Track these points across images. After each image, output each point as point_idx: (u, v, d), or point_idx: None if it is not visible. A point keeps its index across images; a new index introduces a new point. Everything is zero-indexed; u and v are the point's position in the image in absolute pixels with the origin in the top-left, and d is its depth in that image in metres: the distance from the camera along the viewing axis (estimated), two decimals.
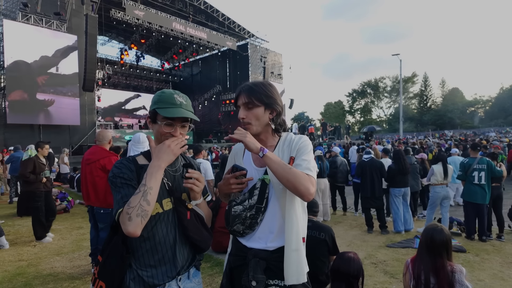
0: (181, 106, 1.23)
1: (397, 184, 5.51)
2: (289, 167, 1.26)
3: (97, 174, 3.62)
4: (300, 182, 1.22)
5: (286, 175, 1.23)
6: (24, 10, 13.05)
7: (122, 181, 1.19)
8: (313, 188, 1.26)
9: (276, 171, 1.24)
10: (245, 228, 1.34)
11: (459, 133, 34.16)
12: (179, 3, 19.98)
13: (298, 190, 1.23)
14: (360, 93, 62.47)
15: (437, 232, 2.04)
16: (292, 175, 1.23)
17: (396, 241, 5.00)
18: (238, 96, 1.41)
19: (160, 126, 1.24)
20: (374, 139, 20.43)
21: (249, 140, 1.26)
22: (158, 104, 1.23)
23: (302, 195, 1.25)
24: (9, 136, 12.33)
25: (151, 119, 1.27)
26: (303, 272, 1.31)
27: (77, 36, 14.56)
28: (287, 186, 1.25)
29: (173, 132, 1.24)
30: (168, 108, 1.21)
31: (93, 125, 16.30)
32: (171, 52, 26.61)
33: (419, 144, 12.55)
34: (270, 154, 1.26)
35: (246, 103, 1.37)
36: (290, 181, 1.23)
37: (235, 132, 1.29)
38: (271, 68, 25.86)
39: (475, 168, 5.04)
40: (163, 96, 1.25)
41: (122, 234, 1.15)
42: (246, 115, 1.37)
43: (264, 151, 1.25)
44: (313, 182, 1.27)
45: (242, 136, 1.27)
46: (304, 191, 1.23)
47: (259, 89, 1.38)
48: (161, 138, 1.25)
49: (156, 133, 1.28)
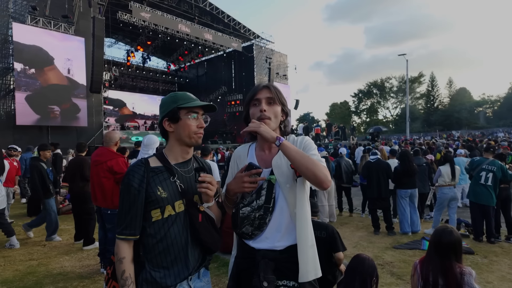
0: (198, 99, 1.34)
1: (404, 185, 5.48)
2: (307, 155, 1.27)
3: (104, 175, 3.67)
4: (319, 169, 1.23)
5: (305, 162, 1.23)
6: (33, 13, 13.25)
7: (132, 197, 1.24)
8: (330, 175, 1.28)
9: (294, 158, 1.25)
10: (254, 229, 1.35)
11: (466, 133, 33.76)
12: (185, 5, 20.08)
13: (317, 177, 1.23)
14: (366, 93, 62.07)
15: (447, 233, 2.03)
16: (311, 162, 1.24)
17: (403, 242, 4.97)
18: (261, 90, 1.42)
19: (185, 121, 1.30)
20: (381, 139, 20.30)
21: (263, 130, 1.27)
22: (178, 102, 1.30)
23: (321, 181, 1.24)
24: (18, 137, 12.52)
25: (172, 119, 1.32)
26: (319, 267, 1.33)
27: (85, 38, 14.74)
28: (306, 174, 1.25)
29: (198, 123, 1.32)
30: (190, 102, 1.30)
31: (100, 126, 16.46)
32: (177, 53, 26.74)
33: (426, 145, 12.43)
34: (286, 142, 1.27)
35: (270, 98, 1.40)
36: (310, 168, 1.23)
37: (250, 124, 1.31)
38: (276, 69, 25.84)
39: (483, 168, 4.99)
40: (179, 95, 1.33)
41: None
42: (267, 108, 1.39)
43: (280, 139, 1.26)
44: (328, 171, 1.29)
45: (256, 127, 1.28)
46: (323, 178, 1.24)
47: (278, 89, 1.45)
48: (186, 132, 1.31)
49: (179, 131, 1.33)
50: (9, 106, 13.74)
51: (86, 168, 4.73)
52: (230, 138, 24.37)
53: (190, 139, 1.33)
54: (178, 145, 1.36)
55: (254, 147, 1.51)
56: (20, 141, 10.42)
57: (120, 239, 1.23)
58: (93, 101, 15.69)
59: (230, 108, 25.65)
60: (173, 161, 1.35)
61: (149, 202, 1.25)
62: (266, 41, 25.20)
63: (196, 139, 1.34)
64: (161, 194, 1.25)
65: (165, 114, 1.32)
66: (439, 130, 38.42)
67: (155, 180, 1.26)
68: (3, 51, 13.73)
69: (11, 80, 13.62)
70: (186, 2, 20.04)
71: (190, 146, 1.38)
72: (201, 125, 1.34)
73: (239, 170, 1.37)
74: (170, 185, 1.29)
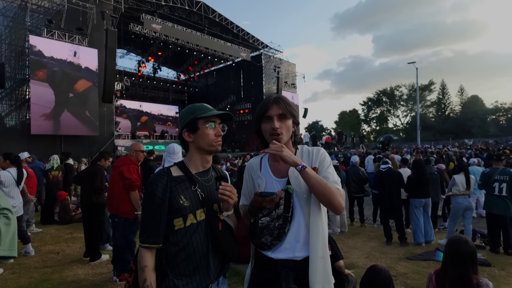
0: (214, 109, 1.40)
1: (418, 195, 5.38)
2: (325, 182, 1.30)
3: (115, 180, 3.77)
4: (334, 197, 1.29)
5: (323, 190, 1.28)
6: (49, 26, 13.69)
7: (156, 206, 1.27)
8: (344, 202, 1.32)
9: (313, 185, 1.29)
10: (273, 239, 1.35)
11: (480, 142, 33.10)
12: (195, 16, 20.49)
13: (332, 205, 1.29)
14: (375, 101, 61.70)
15: (462, 243, 2.00)
16: (328, 190, 1.28)
17: (416, 253, 4.88)
18: (270, 106, 1.43)
19: (203, 130, 1.35)
20: (391, 148, 20.06)
21: (286, 155, 1.30)
22: (196, 113, 1.35)
23: (335, 209, 1.30)
24: (33, 146, 12.79)
25: (191, 130, 1.37)
26: (329, 280, 1.32)
27: (98, 49, 15.12)
28: (322, 200, 1.30)
29: (216, 132, 1.36)
30: (208, 111, 1.36)
31: (112, 135, 16.73)
32: (186, 63, 27.21)
33: (437, 154, 12.23)
34: (308, 169, 1.30)
35: (281, 114, 1.41)
36: (326, 195, 1.28)
37: (271, 146, 1.33)
38: (285, 78, 25.99)
39: (496, 179, 4.91)
40: (197, 106, 1.38)
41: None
42: (280, 125, 1.41)
43: (302, 165, 1.29)
44: (343, 196, 1.33)
45: (278, 151, 1.30)
46: (338, 206, 1.29)
47: (289, 102, 1.46)
48: (205, 141, 1.36)
49: (199, 140, 1.37)
50: (24, 116, 14.11)
51: (99, 178, 4.60)
52: (238, 146, 24.47)
53: (210, 147, 1.37)
54: (198, 154, 1.40)
55: (266, 158, 1.53)
56: (35, 150, 10.63)
57: (144, 247, 1.25)
58: (105, 110, 16.00)
59: (239, 117, 25.82)
60: (194, 170, 1.39)
61: (172, 211, 1.28)
62: (274, 51, 25.45)
63: (216, 146, 1.38)
64: (183, 203, 1.28)
65: (184, 125, 1.37)
66: (452, 139, 37.77)
67: (178, 189, 1.30)
68: (20, 63, 14.17)
69: (26, 91, 14.02)
70: (196, 14, 20.45)
71: (210, 154, 1.42)
72: (218, 133, 1.38)
73: (255, 192, 1.38)
74: (191, 194, 1.32)
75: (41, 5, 14.02)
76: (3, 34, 14.13)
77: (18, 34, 14.10)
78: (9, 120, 14.27)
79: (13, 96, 14.16)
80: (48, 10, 14.15)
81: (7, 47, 14.18)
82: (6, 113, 14.24)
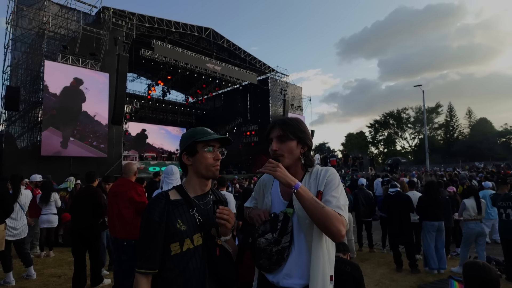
0: (214, 133, 1.40)
1: (430, 217, 5.18)
2: (322, 206, 1.23)
3: (124, 205, 3.72)
4: (331, 223, 1.20)
5: (318, 214, 1.21)
6: (64, 52, 14.28)
7: (153, 230, 1.26)
8: (344, 229, 1.23)
9: (307, 208, 1.23)
10: (272, 264, 1.32)
11: (490, 164, 32.42)
12: (204, 42, 21.18)
13: (329, 231, 1.21)
14: (382, 124, 61.61)
15: (486, 269, 1.84)
16: (324, 214, 1.21)
17: (428, 281, 4.67)
18: (272, 129, 1.45)
19: (202, 154, 1.34)
20: (400, 171, 19.77)
21: (279, 175, 1.27)
22: (196, 136, 1.35)
23: (332, 236, 1.23)
24: (43, 167, 12.97)
25: (190, 153, 1.37)
26: None
27: (109, 73, 15.65)
28: (318, 225, 1.24)
29: (214, 156, 1.36)
30: (207, 135, 1.36)
31: (119, 156, 16.91)
32: (195, 87, 27.81)
33: (448, 177, 11.98)
34: (302, 190, 1.25)
35: (280, 136, 1.41)
36: (321, 220, 1.21)
37: (266, 165, 1.31)
38: (291, 101, 26.30)
39: (499, 206, 4.77)
40: (197, 130, 1.39)
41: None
42: (279, 147, 1.40)
43: (296, 186, 1.24)
44: (344, 223, 1.24)
45: (272, 170, 1.28)
46: (335, 232, 1.21)
47: (293, 123, 1.43)
48: (203, 165, 1.35)
49: (197, 164, 1.37)
50: (35, 137, 14.42)
51: (101, 199, 4.32)
52: (245, 168, 24.40)
53: (207, 172, 1.36)
54: (196, 177, 1.39)
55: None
56: (45, 171, 10.75)
57: (139, 273, 1.23)
58: (114, 132, 16.28)
59: (246, 138, 25.99)
60: (192, 194, 1.38)
61: (169, 235, 1.26)
62: (281, 74, 25.94)
63: (213, 171, 1.36)
64: (180, 227, 1.26)
65: (184, 148, 1.38)
66: (462, 162, 37.13)
67: (175, 213, 1.28)
68: (34, 86, 14.68)
69: (39, 113, 14.40)
70: (205, 40, 21.15)
71: (207, 179, 1.41)
72: (217, 157, 1.37)
73: (264, 212, 1.38)
74: (189, 218, 1.30)
75: (58, 32, 14.67)
76: (20, 60, 14.74)
77: (34, 59, 14.68)
78: (21, 142, 14.58)
79: (26, 118, 14.56)
80: (64, 37, 14.78)
81: (23, 72, 14.76)
82: (18, 135, 14.58)
